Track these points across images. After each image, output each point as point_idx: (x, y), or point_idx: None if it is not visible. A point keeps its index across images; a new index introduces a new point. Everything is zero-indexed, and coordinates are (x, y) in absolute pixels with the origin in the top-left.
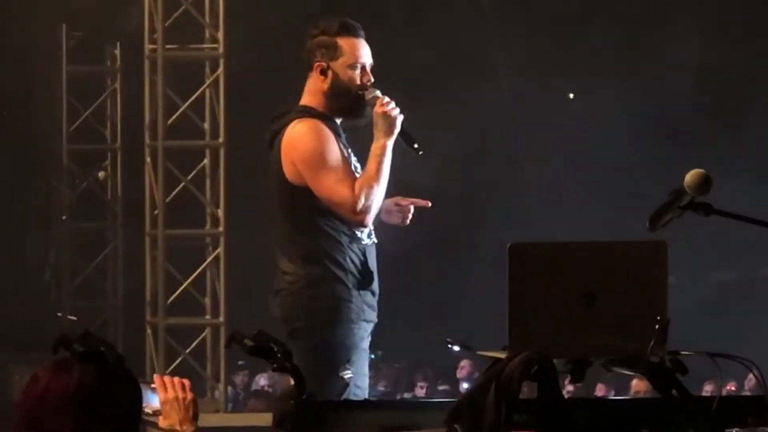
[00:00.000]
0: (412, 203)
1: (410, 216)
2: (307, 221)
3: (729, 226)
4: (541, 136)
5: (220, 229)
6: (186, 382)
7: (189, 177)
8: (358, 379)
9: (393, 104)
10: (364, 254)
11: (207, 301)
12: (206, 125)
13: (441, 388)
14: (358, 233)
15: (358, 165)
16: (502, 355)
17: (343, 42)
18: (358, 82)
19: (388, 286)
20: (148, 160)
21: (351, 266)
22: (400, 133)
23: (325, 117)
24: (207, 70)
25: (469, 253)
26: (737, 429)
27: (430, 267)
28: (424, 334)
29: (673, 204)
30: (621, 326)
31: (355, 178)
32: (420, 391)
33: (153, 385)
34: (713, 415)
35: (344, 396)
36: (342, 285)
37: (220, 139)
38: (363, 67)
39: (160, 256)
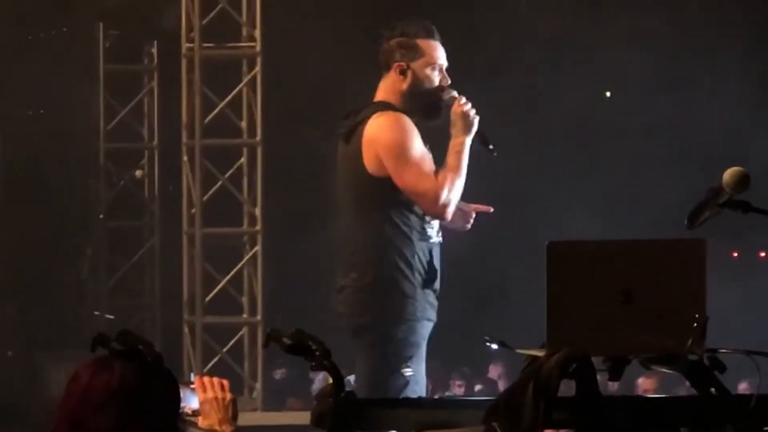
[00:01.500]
0: (475, 209)
1: (471, 221)
2: (382, 215)
3: None
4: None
5: (258, 227)
6: (225, 382)
7: (226, 175)
8: (418, 377)
9: (470, 104)
10: (430, 252)
11: (244, 299)
12: (243, 124)
13: (477, 387)
14: (428, 230)
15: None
16: (540, 353)
17: (422, 43)
18: (437, 83)
19: None
20: (186, 158)
21: (418, 264)
22: (476, 133)
23: (405, 113)
24: (244, 68)
25: (507, 250)
26: None
27: (468, 263)
28: (461, 332)
29: (711, 202)
30: (659, 324)
31: (436, 172)
32: (458, 390)
33: (192, 386)
34: (751, 413)
35: (404, 393)
36: (408, 282)
37: (258, 138)
38: (440, 69)
39: (197, 254)
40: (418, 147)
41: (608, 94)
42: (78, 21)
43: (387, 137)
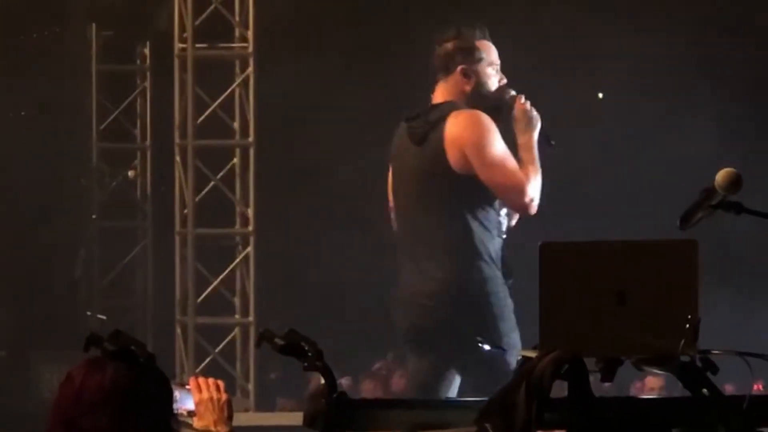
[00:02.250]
0: None
1: None
2: (466, 212)
3: None
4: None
5: (250, 228)
6: (220, 383)
7: (219, 176)
8: None
9: (529, 102)
10: (503, 248)
11: (236, 300)
12: (236, 124)
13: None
14: (503, 226)
15: None
16: (532, 354)
17: (481, 45)
18: (497, 83)
19: None
20: (178, 159)
21: (498, 259)
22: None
23: None
24: (237, 69)
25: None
26: None
27: None
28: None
29: (703, 203)
30: (652, 325)
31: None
32: None
33: (188, 386)
34: (744, 414)
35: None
36: (495, 277)
37: (250, 138)
38: (497, 69)
39: (189, 255)
40: (501, 143)
41: (600, 95)
42: (71, 21)
43: (471, 134)
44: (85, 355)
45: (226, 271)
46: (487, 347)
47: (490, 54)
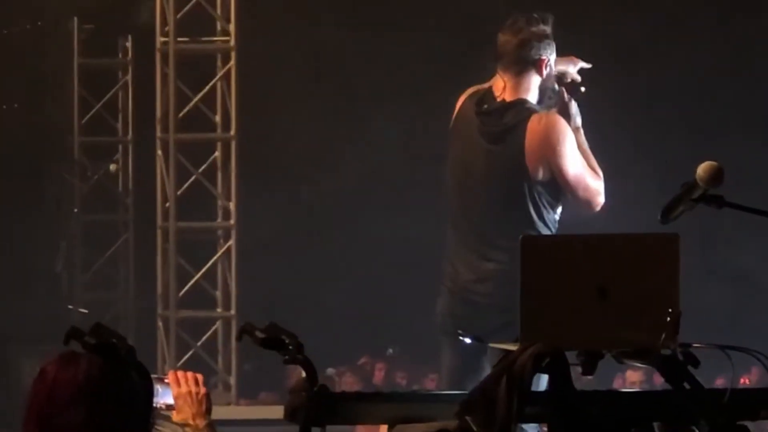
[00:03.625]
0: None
1: None
2: (538, 214)
3: None
4: None
5: (232, 221)
6: (199, 376)
7: (200, 170)
8: None
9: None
10: None
11: (218, 294)
12: (218, 118)
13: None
14: (557, 224)
15: None
16: (513, 348)
17: (551, 36)
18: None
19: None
20: (160, 152)
21: None
22: None
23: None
24: (218, 62)
25: None
26: None
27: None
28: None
29: (685, 196)
30: (633, 318)
31: None
32: (431, 384)
33: (166, 380)
34: (725, 408)
35: None
36: None
37: (232, 132)
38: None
39: (171, 249)
40: (576, 148)
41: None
42: (52, 15)
43: (554, 140)
44: (65, 349)
45: (208, 264)
46: (468, 340)
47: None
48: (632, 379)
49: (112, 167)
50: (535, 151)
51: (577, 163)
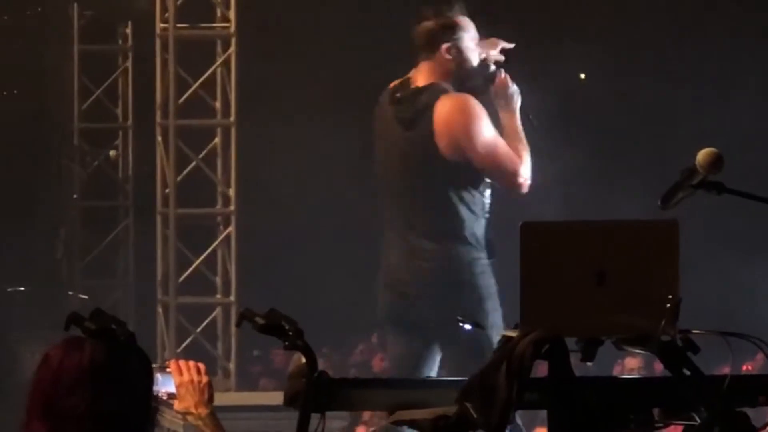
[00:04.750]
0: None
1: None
2: (455, 196)
3: None
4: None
5: (231, 207)
6: (201, 365)
7: (200, 156)
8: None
9: (509, 77)
10: (487, 227)
11: (218, 280)
12: (217, 104)
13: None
14: (487, 206)
15: None
16: (513, 334)
17: (461, 22)
18: (479, 58)
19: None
20: (159, 138)
21: (483, 239)
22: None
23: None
24: (218, 48)
25: None
26: None
27: None
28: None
29: (684, 183)
30: (633, 305)
31: None
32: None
33: (168, 369)
34: (725, 394)
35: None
36: (483, 256)
37: (232, 118)
38: (477, 43)
39: (171, 235)
40: (491, 127)
41: (582, 75)
42: (52, 2)
43: (462, 119)
44: (66, 334)
45: (208, 251)
46: (468, 326)
47: (471, 29)
48: (631, 365)
49: (112, 153)
50: (444, 132)
51: (489, 144)
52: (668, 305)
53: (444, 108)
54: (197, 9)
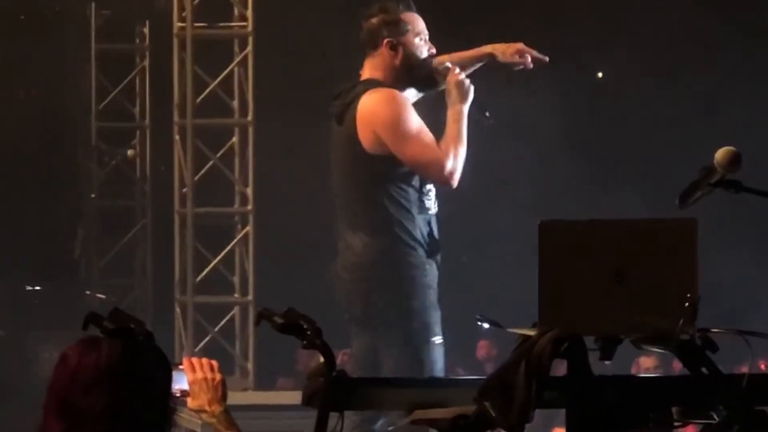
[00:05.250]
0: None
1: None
2: (381, 192)
3: None
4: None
5: (249, 207)
6: (214, 363)
7: (218, 155)
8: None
9: (464, 73)
10: (429, 224)
11: (236, 279)
12: (235, 103)
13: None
14: (426, 203)
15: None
16: (532, 333)
17: (406, 17)
18: (426, 53)
19: None
20: (177, 138)
21: (419, 236)
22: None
23: (402, 88)
24: (236, 48)
25: (488, 230)
26: None
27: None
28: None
29: (703, 181)
30: (651, 304)
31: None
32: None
33: (181, 366)
34: (743, 393)
35: (441, 360)
36: (415, 253)
37: (249, 117)
38: (425, 39)
39: (189, 234)
40: (415, 119)
41: (600, 74)
42: (70, 1)
43: (383, 113)
44: (83, 334)
45: (226, 250)
46: (486, 325)
47: (416, 25)
48: (646, 364)
49: (130, 153)
50: (366, 125)
51: (411, 137)
52: (687, 304)
53: (366, 103)
54: (215, 8)
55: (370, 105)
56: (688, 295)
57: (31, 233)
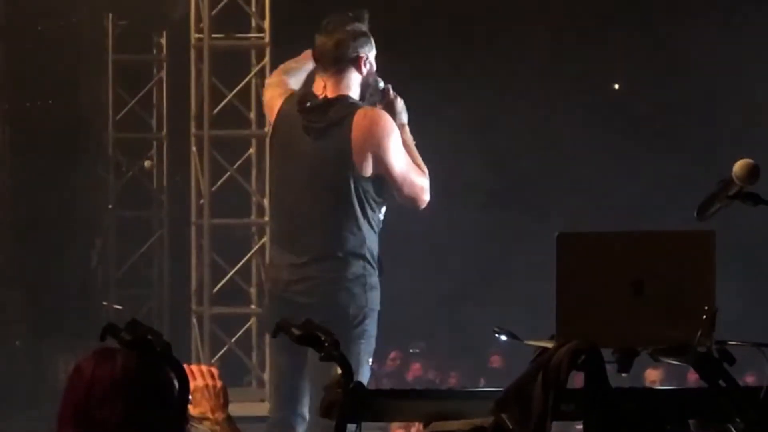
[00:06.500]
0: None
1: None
2: (360, 212)
3: None
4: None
5: (266, 218)
6: (214, 369)
7: (235, 166)
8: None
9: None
10: (379, 244)
11: (252, 290)
12: (252, 114)
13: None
14: (380, 224)
15: None
16: (549, 345)
17: (369, 33)
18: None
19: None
20: (194, 149)
21: (376, 256)
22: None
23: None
24: (253, 59)
25: (510, 241)
26: None
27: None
28: (463, 323)
29: (721, 194)
30: (668, 316)
31: None
32: (452, 381)
33: None
34: (760, 405)
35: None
36: (375, 274)
37: (266, 128)
38: None
39: (205, 245)
40: (401, 143)
41: (616, 86)
42: (87, 11)
43: (382, 134)
44: (100, 344)
45: (242, 261)
46: (503, 337)
47: (373, 42)
48: (651, 378)
49: (147, 163)
50: (362, 145)
51: (403, 159)
52: (704, 316)
53: (362, 121)
54: (232, 19)
55: (367, 125)
56: (706, 308)
57: (48, 243)
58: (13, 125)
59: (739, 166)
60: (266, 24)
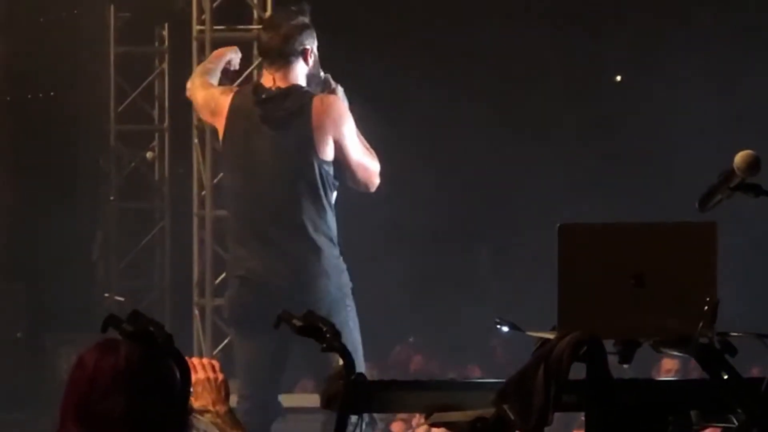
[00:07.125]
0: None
1: None
2: (322, 198)
3: None
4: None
5: None
6: (215, 362)
7: None
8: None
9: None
10: None
11: None
12: None
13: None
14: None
15: None
16: (551, 336)
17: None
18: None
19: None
20: (196, 140)
21: (337, 237)
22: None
23: None
24: (255, 51)
25: (502, 234)
26: None
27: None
28: (461, 316)
29: (722, 185)
30: (670, 307)
31: None
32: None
33: None
34: (762, 397)
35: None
36: (340, 255)
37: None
38: None
39: (207, 237)
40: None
41: (618, 78)
42: (89, 3)
43: (344, 121)
44: (102, 336)
45: None
46: (505, 329)
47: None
48: (667, 367)
49: (149, 155)
50: (322, 131)
51: (358, 144)
52: (706, 307)
53: (321, 107)
54: (234, 11)
55: (325, 111)
56: (708, 299)
57: (49, 235)
58: (15, 117)
59: (740, 157)
60: (268, 16)
